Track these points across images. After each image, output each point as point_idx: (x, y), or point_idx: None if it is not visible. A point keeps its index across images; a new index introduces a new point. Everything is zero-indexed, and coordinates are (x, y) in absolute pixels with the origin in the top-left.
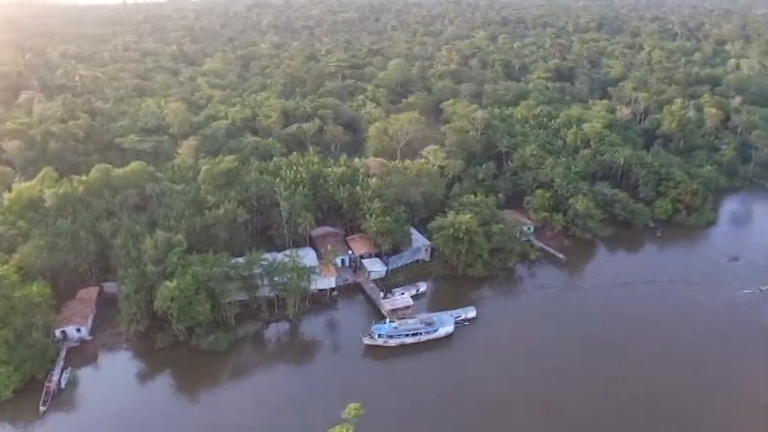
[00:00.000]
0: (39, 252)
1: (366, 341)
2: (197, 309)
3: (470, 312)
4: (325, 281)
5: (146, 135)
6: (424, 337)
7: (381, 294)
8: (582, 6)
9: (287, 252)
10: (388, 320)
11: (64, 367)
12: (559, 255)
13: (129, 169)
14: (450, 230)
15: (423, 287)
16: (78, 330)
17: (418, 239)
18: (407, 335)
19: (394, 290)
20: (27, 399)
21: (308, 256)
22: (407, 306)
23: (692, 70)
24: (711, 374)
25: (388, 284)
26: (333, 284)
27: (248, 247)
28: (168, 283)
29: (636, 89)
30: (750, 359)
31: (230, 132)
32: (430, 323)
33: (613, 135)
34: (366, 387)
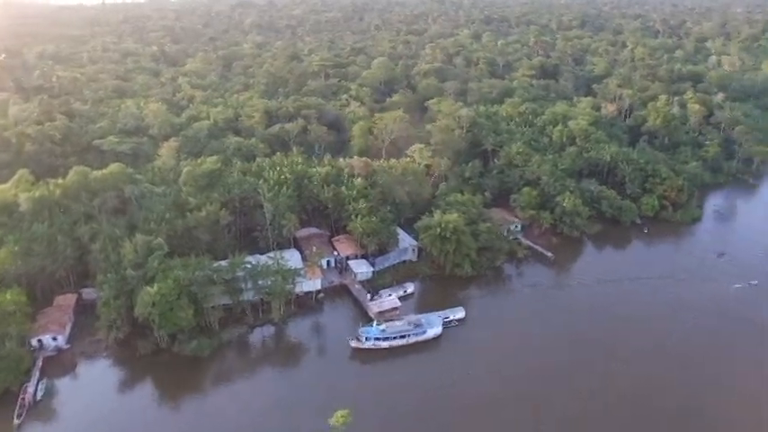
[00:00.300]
0: (13, 258)
1: (353, 344)
2: (179, 314)
3: (459, 313)
4: (311, 283)
5: (125, 137)
6: (412, 340)
7: (368, 296)
8: (564, 4)
9: (271, 254)
10: (375, 323)
11: (40, 378)
12: (547, 253)
13: (107, 171)
14: (438, 230)
15: (410, 288)
16: (55, 339)
17: (405, 240)
18: (395, 337)
19: (381, 291)
20: (0, 412)
21: (292, 258)
22: (395, 308)
23: (674, 67)
24: (701, 372)
25: (374, 286)
26: (318, 287)
27: (231, 249)
28: (149, 288)
29: (620, 86)
30: (740, 355)
31: (212, 133)
32: (418, 325)
33: (599, 132)
34: (353, 392)
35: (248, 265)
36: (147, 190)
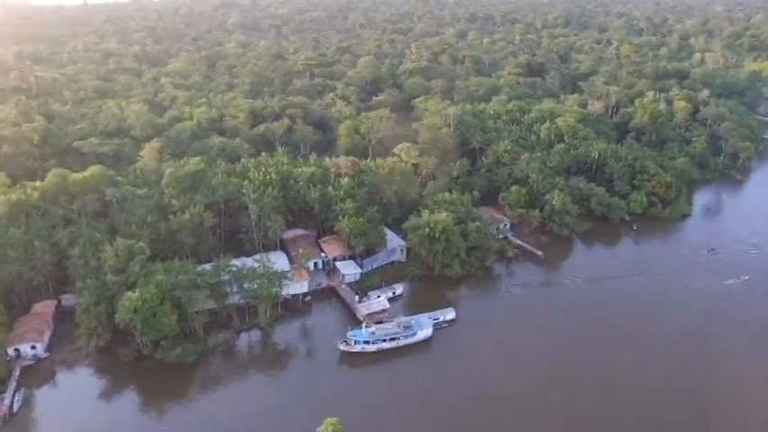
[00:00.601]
0: None
1: (342, 348)
2: (162, 320)
3: (449, 314)
4: (298, 286)
5: (106, 138)
6: (402, 342)
7: (357, 298)
8: (548, 3)
9: (257, 257)
10: (364, 325)
11: (17, 388)
12: (537, 251)
13: (87, 174)
14: (426, 230)
15: (399, 289)
16: (33, 347)
17: (393, 240)
18: (385, 340)
19: (369, 293)
20: None
21: (279, 260)
22: (384, 309)
23: (659, 64)
24: (699, 378)
25: (363, 287)
26: (306, 289)
27: (216, 252)
28: (130, 293)
29: (606, 83)
30: (736, 355)
31: (196, 134)
32: (408, 327)
33: (587, 129)
34: (343, 397)
35: (233, 269)
36: (128, 192)
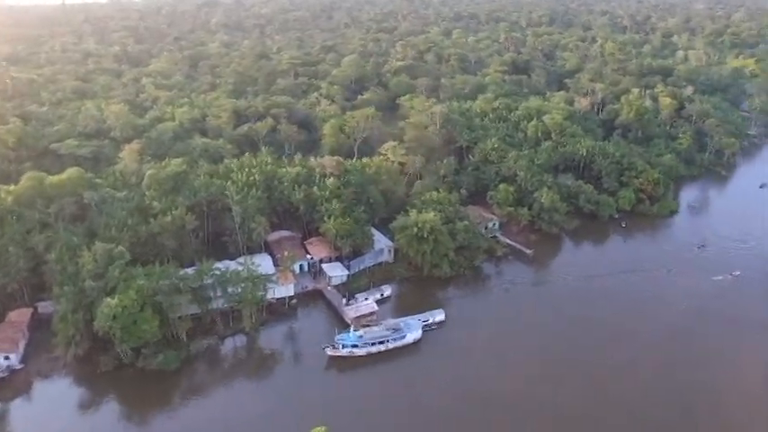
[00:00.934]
0: None
1: (329, 352)
2: (143, 327)
3: (438, 315)
4: (283, 289)
5: (85, 139)
6: (391, 345)
7: (344, 301)
8: (532, 1)
9: (241, 260)
10: (352, 329)
11: None
12: (526, 250)
13: (64, 176)
14: (414, 230)
15: (387, 291)
16: (7, 358)
17: (380, 240)
18: (373, 343)
19: (357, 295)
20: None
21: (263, 262)
22: (372, 312)
23: (644, 61)
24: (688, 376)
25: (350, 290)
26: (291, 292)
27: (199, 256)
28: (109, 299)
29: (592, 80)
30: (726, 352)
31: (178, 134)
32: (397, 329)
33: (574, 126)
34: (331, 403)
35: (217, 272)
36: (107, 195)
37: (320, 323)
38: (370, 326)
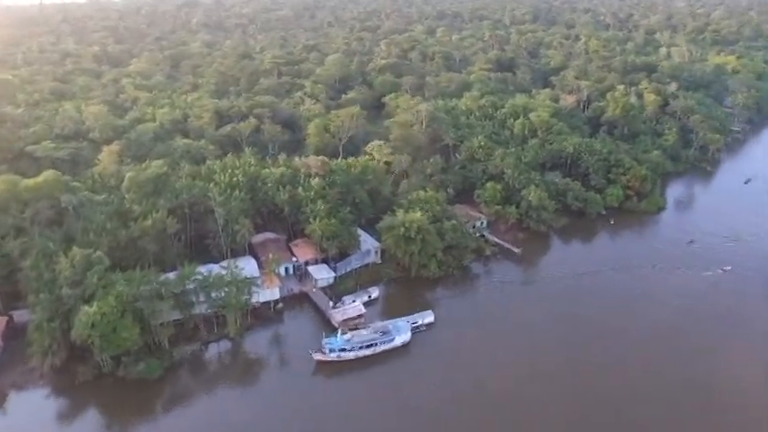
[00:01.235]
0: None
1: (317, 357)
2: (123, 334)
3: (428, 317)
4: (269, 292)
5: (62, 141)
6: (379, 349)
7: (331, 304)
8: None
9: (224, 263)
10: (339, 332)
11: None
12: (515, 249)
13: (40, 179)
14: (401, 230)
15: (375, 293)
16: None
17: (367, 241)
18: (361, 347)
19: (344, 298)
20: None
21: (248, 266)
22: (360, 315)
23: (628, 58)
24: (679, 374)
25: (337, 292)
26: (277, 296)
27: (181, 259)
28: (87, 307)
29: (577, 77)
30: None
31: (158, 135)
32: (385, 332)
33: (560, 123)
34: (319, 410)
35: (199, 277)
36: (85, 198)
37: (307, 327)
38: (357, 329)
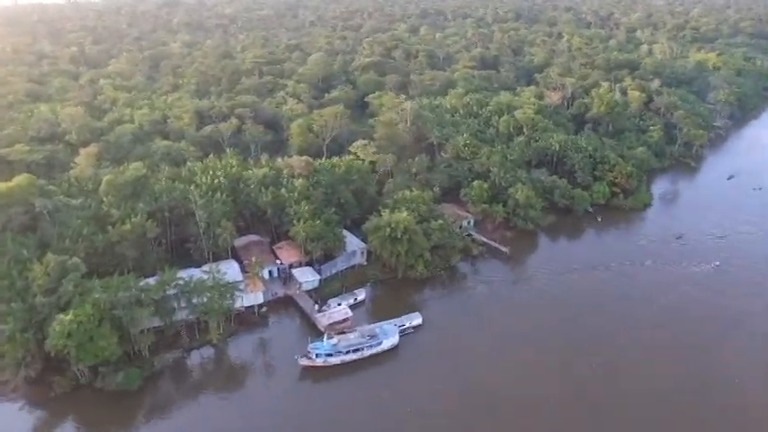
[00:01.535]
0: None
1: (303, 362)
2: (100, 344)
3: (416, 319)
4: (252, 297)
5: (38, 144)
6: (367, 353)
7: (316, 307)
8: None
9: (206, 267)
10: (325, 337)
11: None
12: (503, 248)
13: (13, 184)
14: (387, 230)
15: (361, 295)
16: None
17: (352, 243)
18: (348, 352)
19: (330, 301)
20: None
21: (230, 270)
22: (346, 318)
23: (610, 55)
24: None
25: (322, 295)
26: (261, 300)
27: (162, 264)
28: (63, 316)
29: (561, 75)
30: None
31: (137, 137)
32: (373, 336)
33: (545, 121)
34: (305, 417)
35: (180, 282)
36: (61, 203)
37: (292, 331)
38: (344, 333)
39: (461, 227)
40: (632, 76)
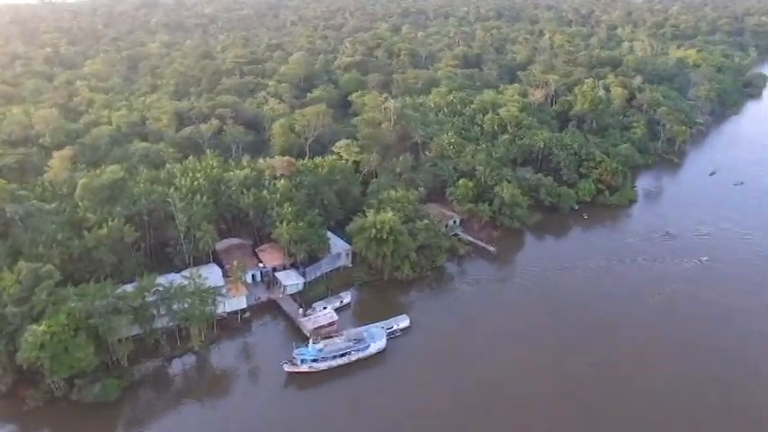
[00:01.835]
0: None
1: (288, 369)
2: (76, 354)
3: (403, 321)
4: (235, 301)
5: (9, 148)
6: (354, 357)
7: (301, 311)
8: None
9: (186, 273)
10: (311, 342)
11: None
12: (489, 247)
13: None
14: (372, 231)
15: (347, 298)
16: None
17: (337, 244)
18: (335, 357)
19: (315, 304)
20: None
21: (212, 274)
22: (332, 322)
23: (593, 53)
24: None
25: (307, 299)
26: (244, 305)
27: (141, 270)
28: (35, 326)
29: (544, 72)
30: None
31: (115, 139)
32: (359, 340)
33: (530, 118)
34: (291, 424)
35: (160, 288)
36: (34, 208)
37: (276, 337)
38: (330, 337)
39: (447, 226)
40: (614, 73)
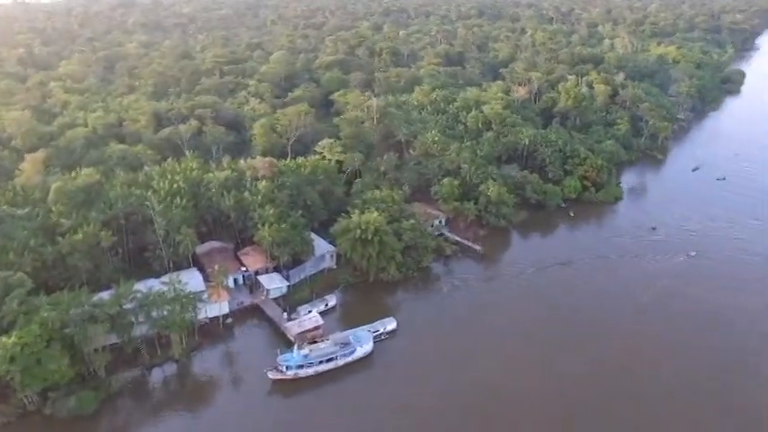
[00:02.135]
0: None
1: (272, 375)
2: (49, 366)
3: (390, 324)
4: (217, 307)
5: None
6: (340, 362)
7: (285, 315)
8: None
9: (165, 278)
10: (296, 347)
11: None
12: (476, 246)
13: None
14: (357, 232)
15: (332, 300)
16: None
17: (321, 246)
18: (321, 362)
19: (299, 308)
20: None
21: (192, 279)
22: (317, 326)
23: (574, 50)
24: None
25: (291, 302)
26: (226, 310)
27: (119, 276)
28: (5, 338)
29: (527, 69)
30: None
31: (91, 141)
32: (346, 344)
33: (514, 116)
34: None
35: (138, 295)
36: (4, 213)
37: (260, 342)
38: (315, 342)
39: (433, 226)
40: (597, 69)
